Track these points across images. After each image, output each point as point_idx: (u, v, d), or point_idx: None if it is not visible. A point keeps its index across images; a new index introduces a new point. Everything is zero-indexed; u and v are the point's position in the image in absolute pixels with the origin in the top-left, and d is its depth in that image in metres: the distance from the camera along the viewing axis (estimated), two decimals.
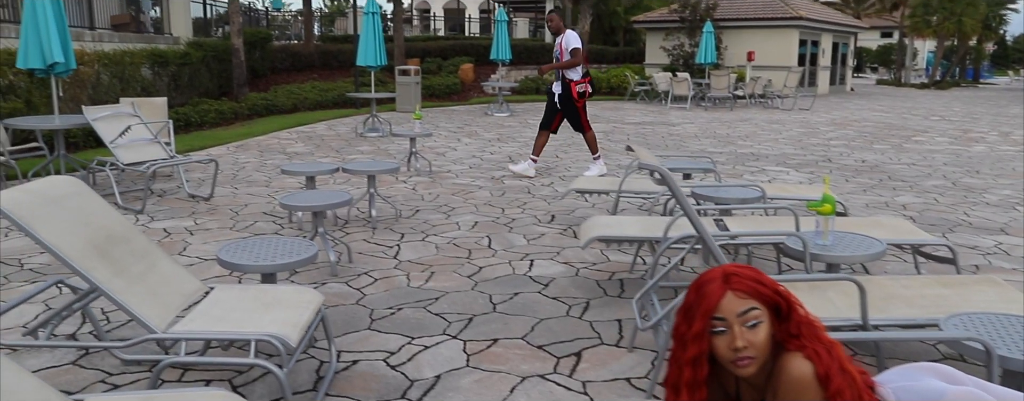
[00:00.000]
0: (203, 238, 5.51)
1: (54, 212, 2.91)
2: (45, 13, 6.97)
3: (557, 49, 7.92)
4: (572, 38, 7.80)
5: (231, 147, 10.29)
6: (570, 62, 7.72)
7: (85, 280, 2.82)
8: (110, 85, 11.68)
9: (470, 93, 19.32)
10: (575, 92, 7.81)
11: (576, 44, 7.77)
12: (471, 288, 4.41)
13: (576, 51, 7.73)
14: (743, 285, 1.68)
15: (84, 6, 13.43)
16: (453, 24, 39.01)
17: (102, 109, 7.03)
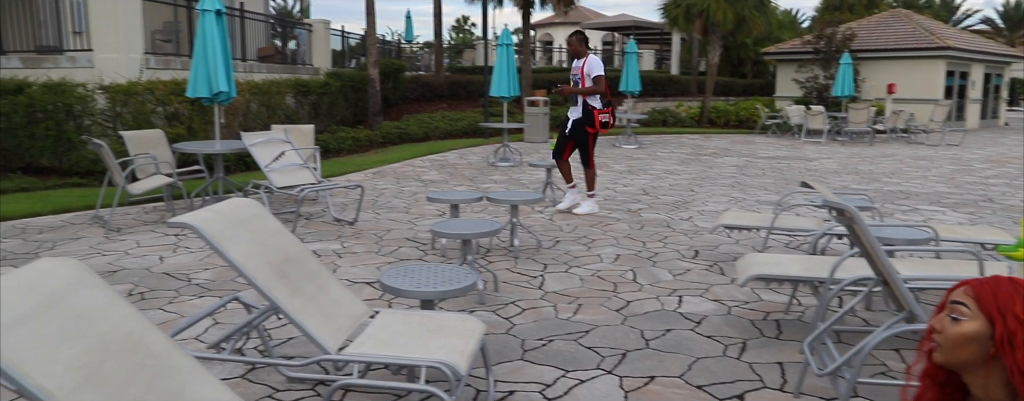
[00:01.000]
0: (351, 261, 5.67)
1: (239, 233, 3.04)
2: (214, 46, 7.46)
3: (577, 73, 7.54)
4: (595, 64, 7.44)
5: (369, 173, 10.64)
6: (592, 89, 7.37)
7: (267, 299, 2.92)
8: (258, 113, 12.37)
9: None
10: (598, 121, 7.41)
11: (599, 71, 7.41)
12: (621, 322, 4.31)
13: (599, 78, 7.37)
14: (982, 287, 1.56)
15: (237, 39, 14.35)
16: None
17: (258, 135, 7.42)
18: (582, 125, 7.47)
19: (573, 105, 7.58)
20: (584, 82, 7.39)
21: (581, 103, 7.44)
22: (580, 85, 7.42)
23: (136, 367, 2.13)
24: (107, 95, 9.82)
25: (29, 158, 9.79)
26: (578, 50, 7.51)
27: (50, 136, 9.47)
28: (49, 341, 1.94)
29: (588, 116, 7.42)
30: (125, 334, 2.19)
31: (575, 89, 7.43)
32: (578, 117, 7.49)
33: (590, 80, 7.36)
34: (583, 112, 7.44)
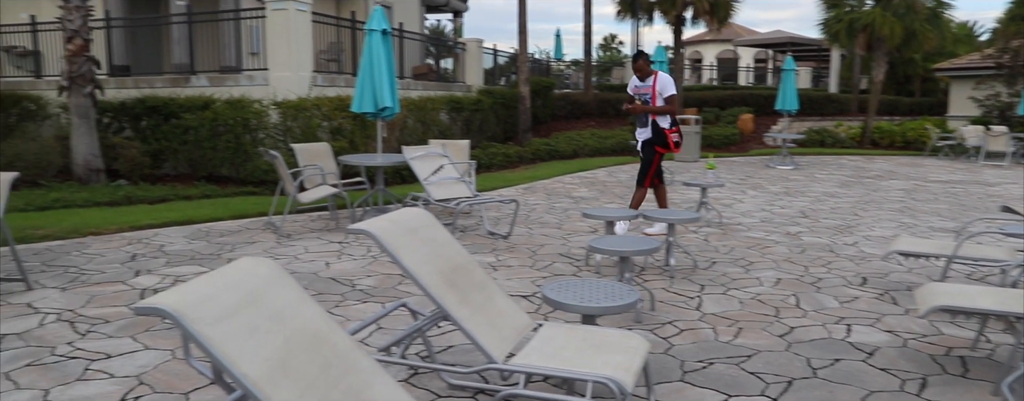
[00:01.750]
0: (507, 274, 5.75)
1: (412, 241, 3.15)
2: (380, 64, 7.84)
3: (648, 92, 7.19)
4: (668, 83, 7.14)
5: (519, 189, 10.80)
6: (665, 109, 7.09)
7: (437, 306, 3.01)
8: (414, 128, 12.86)
9: (749, 144, 18.69)
10: (671, 141, 7.15)
11: (672, 90, 7.14)
12: (785, 349, 4.12)
13: (673, 98, 7.11)
14: None
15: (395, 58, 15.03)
16: (726, 73, 38.33)
17: (418, 149, 7.70)
18: (652, 144, 7.21)
19: (640, 126, 7.32)
20: (655, 101, 7.10)
21: (650, 123, 7.19)
22: (651, 104, 7.15)
23: (324, 363, 2.25)
24: (279, 110, 10.52)
25: (212, 168, 10.65)
26: (647, 70, 7.19)
27: (230, 148, 10.26)
28: (252, 333, 2.08)
29: (659, 136, 7.15)
30: (314, 331, 2.31)
31: (646, 108, 7.14)
32: (648, 137, 7.23)
33: (661, 100, 7.07)
34: (654, 132, 7.18)
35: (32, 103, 12.07)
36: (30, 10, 14.80)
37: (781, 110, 16.17)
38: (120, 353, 3.99)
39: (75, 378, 3.65)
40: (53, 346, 4.09)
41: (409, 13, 19.93)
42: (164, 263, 6.02)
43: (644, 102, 7.19)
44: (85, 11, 10.14)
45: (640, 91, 7.24)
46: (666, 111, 7.08)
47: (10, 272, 5.67)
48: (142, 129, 11.08)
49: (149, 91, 11.72)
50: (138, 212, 8.21)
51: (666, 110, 7.07)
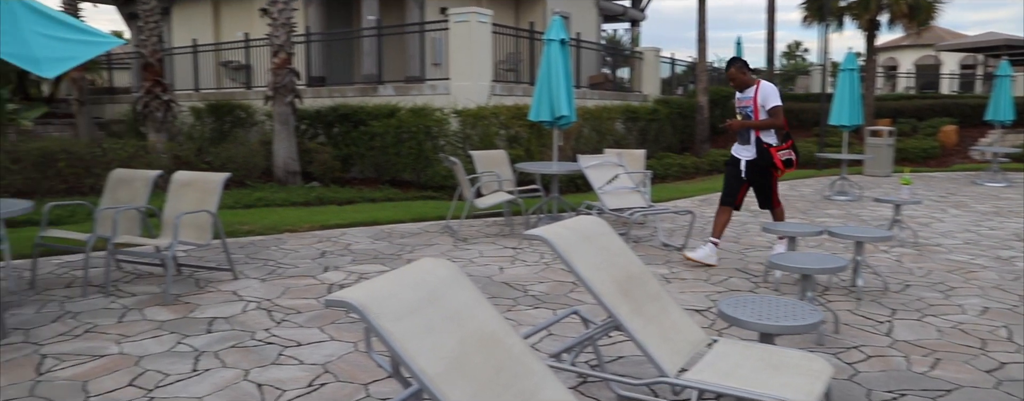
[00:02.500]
0: (679, 287, 5.61)
1: (586, 249, 3.14)
2: (558, 73, 7.93)
3: (749, 105, 6.30)
4: (771, 93, 6.21)
5: (695, 201, 10.52)
6: (769, 123, 6.18)
7: (610, 314, 2.98)
8: (589, 137, 12.89)
9: (951, 159, 17.13)
10: (779, 160, 6.23)
11: (776, 101, 6.19)
12: (993, 386, 3.72)
13: (777, 110, 6.16)
14: None
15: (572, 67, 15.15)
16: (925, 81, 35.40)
17: (593, 158, 7.70)
18: (761, 167, 6.31)
19: (742, 143, 6.40)
20: (758, 115, 6.22)
21: (754, 140, 6.27)
22: (753, 118, 6.26)
23: (498, 365, 2.28)
24: (459, 118, 10.91)
25: (395, 172, 11.23)
26: (744, 80, 6.34)
27: (412, 154, 10.76)
28: (430, 331, 2.15)
29: (765, 156, 6.24)
30: (490, 333, 2.36)
31: (747, 123, 6.26)
32: (752, 158, 6.32)
33: (764, 112, 6.19)
34: (758, 152, 6.26)
35: (243, 111, 13.29)
36: (245, 28, 16.33)
37: (993, 121, 14.69)
38: (309, 342, 4.28)
39: (270, 362, 3.95)
40: (253, 331, 4.46)
41: (587, 23, 20.04)
42: (350, 261, 6.40)
43: (746, 117, 6.32)
44: (289, 28, 11.04)
45: (740, 104, 6.39)
46: (771, 125, 6.18)
47: (220, 262, 6.25)
48: (334, 135, 11.88)
49: (341, 100, 12.55)
50: (328, 212, 8.79)
51: (771, 124, 6.17)
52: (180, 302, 5.09)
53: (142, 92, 11.51)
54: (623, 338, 4.32)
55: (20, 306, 4.99)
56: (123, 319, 4.71)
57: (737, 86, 6.37)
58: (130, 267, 6.12)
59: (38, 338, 4.35)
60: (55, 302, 5.09)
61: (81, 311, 4.88)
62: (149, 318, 4.73)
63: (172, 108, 11.61)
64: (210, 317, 4.74)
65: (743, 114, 6.34)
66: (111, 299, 5.16)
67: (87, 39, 4.89)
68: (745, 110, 6.32)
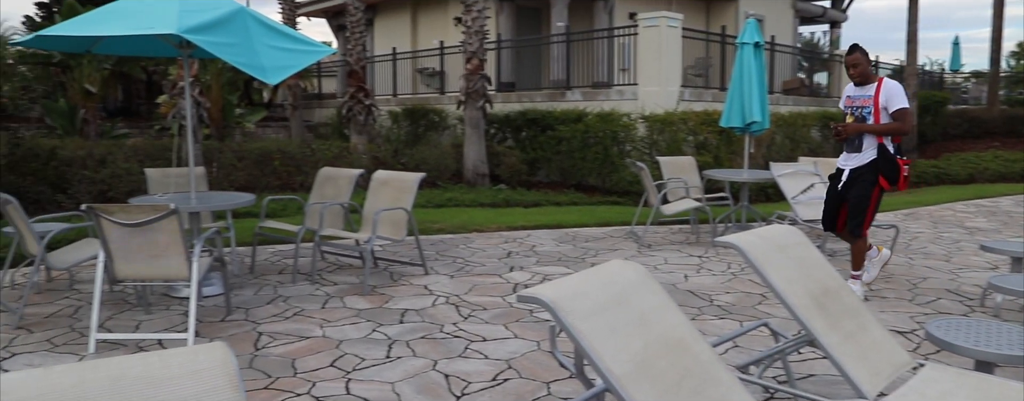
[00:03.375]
0: (879, 306, 5.22)
1: (780, 259, 3.01)
2: (751, 78, 7.65)
3: (867, 105, 5.21)
4: (897, 92, 5.14)
5: (900, 214, 9.75)
6: (895, 128, 5.10)
7: (804, 329, 2.83)
8: (782, 144, 12.31)
9: None
10: (903, 174, 5.17)
11: (904, 103, 5.11)
12: None
13: (905, 114, 5.08)
14: None
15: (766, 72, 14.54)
16: None
17: (787, 166, 7.35)
18: (869, 179, 5.17)
19: (851, 151, 5.30)
20: (878, 118, 5.14)
21: (876, 146, 5.16)
22: (872, 122, 5.16)
23: (684, 370, 2.24)
24: (647, 124, 10.80)
25: (580, 177, 11.31)
26: (868, 71, 5.25)
27: (598, 159, 10.79)
28: (617, 332, 2.15)
29: (889, 164, 5.12)
30: (677, 338, 2.32)
31: (867, 127, 5.14)
32: (862, 165, 5.21)
33: (887, 115, 5.14)
34: (881, 158, 5.13)
35: (436, 115, 13.94)
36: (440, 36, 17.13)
37: None
38: (494, 338, 4.41)
39: (457, 354, 4.12)
40: (441, 324, 4.67)
41: (782, 25, 19.18)
42: (534, 262, 6.53)
43: (861, 119, 5.23)
44: (482, 35, 11.45)
45: (855, 103, 5.30)
46: (895, 130, 5.10)
47: (412, 258, 6.59)
48: (521, 139, 12.16)
49: (529, 105, 12.82)
50: (514, 214, 9.02)
51: (896, 129, 5.09)
52: (376, 293, 5.42)
53: (346, 97, 12.39)
54: (815, 355, 4.09)
55: (241, 288, 5.54)
56: (326, 305, 5.09)
57: (858, 77, 5.25)
58: (332, 258, 6.61)
59: (256, 317, 4.80)
60: (269, 286, 5.60)
61: (291, 295, 5.33)
62: (348, 306, 5.08)
63: (372, 112, 12.40)
64: (403, 308, 5.01)
65: (857, 116, 5.25)
66: (316, 286, 5.60)
67: (304, 49, 5.33)
68: (861, 111, 5.23)
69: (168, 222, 4.11)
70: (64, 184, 8.99)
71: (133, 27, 4.57)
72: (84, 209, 4.14)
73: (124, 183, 9.19)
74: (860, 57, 5.21)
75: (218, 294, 5.33)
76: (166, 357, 1.45)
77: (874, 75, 5.28)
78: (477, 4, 11.30)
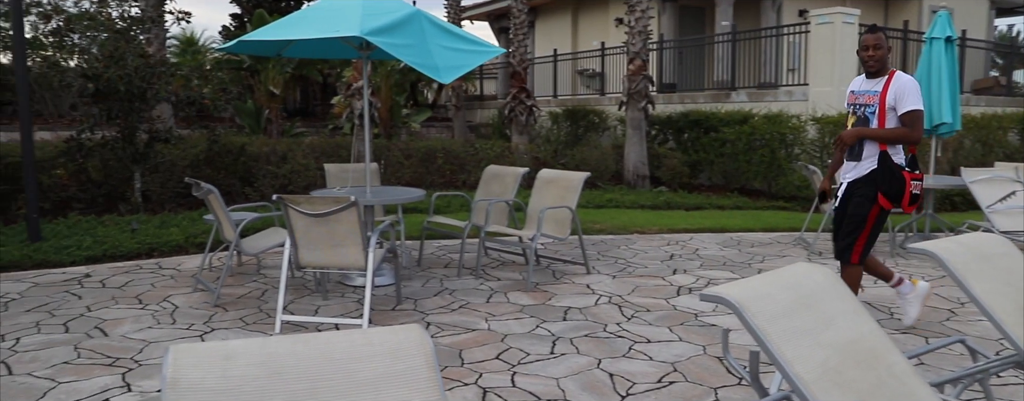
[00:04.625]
0: None
1: (984, 269, 2.76)
2: (940, 76, 7.09)
3: (872, 103, 4.20)
4: (910, 90, 4.12)
5: None
6: (902, 134, 4.13)
7: (1013, 346, 2.59)
8: (972, 149, 11.33)
9: None
10: (909, 190, 4.15)
11: (917, 104, 4.10)
12: None
13: (916, 117, 4.10)
14: None
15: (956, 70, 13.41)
16: None
17: (981, 172, 6.75)
18: (868, 194, 4.21)
19: (851, 159, 4.33)
20: (884, 120, 4.16)
21: (877, 154, 4.20)
22: (877, 124, 4.18)
23: (877, 381, 2.10)
24: (817, 126, 10.26)
25: (744, 180, 10.93)
26: (879, 61, 4.20)
27: (764, 162, 10.37)
28: (806, 336, 2.05)
29: (891, 178, 4.16)
30: (870, 347, 2.18)
31: (866, 132, 4.20)
32: (861, 176, 4.25)
33: (895, 118, 4.16)
34: (882, 169, 4.17)
35: (596, 116, 13.92)
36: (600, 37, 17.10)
37: None
38: (658, 340, 4.33)
39: (621, 354, 4.08)
40: (605, 323, 4.64)
41: (974, 18, 17.64)
42: (698, 265, 6.37)
43: (863, 120, 4.25)
44: (645, 35, 11.31)
45: (859, 100, 4.32)
46: (900, 138, 4.12)
47: (574, 257, 6.61)
48: (683, 141, 11.91)
49: (692, 106, 12.53)
50: (675, 216, 8.84)
51: (899, 135, 4.12)
52: (539, 290, 5.48)
53: (508, 98, 12.63)
54: (1020, 380, 3.72)
55: (409, 279, 5.77)
56: (491, 300, 5.21)
57: (875, 64, 4.19)
58: (495, 254, 6.75)
59: (424, 308, 4.99)
60: (436, 279, 5.80)
61: (456, 289, 5.50)
62: (512, 301, 5.17)
63: (533, 113, 12.57)
64: (565, 306, 5.04)
65: (859, 116, 4.28)
66: (480, 281, 5.73)
67: (476, 49, 5.48)
68: (864, 110, 4.26)
69: (348, 213, 4.34)
70: (251, 178, 9.74)
71: (321, 31, 4.87)
72: (275, 199, 4.46)
73: (302, 177, 9.83)
74: (882, 38, 4.19)
75: (389, 284, 5.58)
76: (369, 335, 1.53)
77: (888, 67, 4.24)
78: (640, 4, 11.19)
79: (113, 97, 7.92)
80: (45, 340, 4.32)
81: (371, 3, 5.05)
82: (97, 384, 3.64)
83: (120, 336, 4.39)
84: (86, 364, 3.92)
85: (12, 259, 6.15)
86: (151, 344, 4.24)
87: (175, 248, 6.77)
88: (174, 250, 6.75)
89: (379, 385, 1.43)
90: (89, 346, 4.21)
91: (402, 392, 1.43)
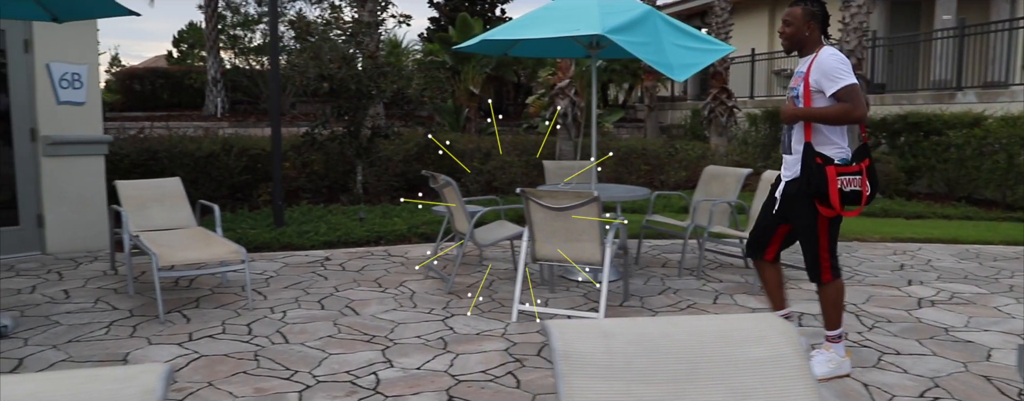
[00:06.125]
0: None
1: None
2: None
3: (798, 85, 3.65)
4: (834, 66, 3.50)
5: None
6: (845, 111, 3.48)
7: None
8: None
9: None
10: (834, 189, 3.50)
11: (845, 80, 3.47)
12: None
13: (852, 91, 3.46)
14: None
15: None
16: None
17: None
18: (804, 199, 3.61)
19: (787, 153, 3.75)
20: (809, 99, 3.56)
21: (802, 148, 3.60)
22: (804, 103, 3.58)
23: None
24: None
25: (972, 188, 10.05)
26: (799, 36, 3.65)
27: (999, 169, 9.48)
28: None
29: (810, 176, 3.53)
30: None
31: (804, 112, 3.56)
32: (794, 177, 3.66)
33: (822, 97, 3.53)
34: (804, 166, 3.56)
35: None
36: None
37: None
38: (909, 353, 4.08)
39: (871, 365, 3.88)
40: (846, 332, 4.43)
41: None
42: (935, 277, 5.93)
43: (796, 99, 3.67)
44: (861, 33, 10.67)
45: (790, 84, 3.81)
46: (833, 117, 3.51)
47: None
48: (899, 145, 11.13)
49: (910, 107, 11.68)
50: (897, 225, 8.28)
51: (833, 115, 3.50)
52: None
53: (709, 98, 12.36)
54: None
55: (630, 277, 5.79)
56: (717, 301, 5.12)
57: (784, 42, 3.74)
58: (711, 255, 6.63)
59: (651, 305, 4.99)
60: (656, 278, 5.79)
61: (680, 288, 5.45)
62: (740, 304, 5.06)
63: (734, 114, 12.23)
64: (797, 312, 4.86)
65: (793, 94, 3.71)
66: (702, 282, 5.65)
67: (708, 47, 5.41)
68: (793, 91, 3.72)
69: (589, 208, 4.43)
70: (456, 173, 10.18)
71: (559, 30, 5.00)
72: (518, 192, 4.63)
73: (506, 174, 10.13)
74: (796, 13, 3.66)
75: (615, 280, 5.64)
76: (737, 321, 1.55)
77: (818, 42, 3.67)
78: None
79: (343, 96, 8.56)
80: (307, 315, 4.74)
81: (606, 2, 5.12)
82: (362, 358, 3.95)
83: (370, 315, 4.73)
84: (347, 339, 4.26)
85: (263, 241, 6.79)
86: (400, 325, 4.54)
87: (400, 237, 7.20)
88: (399, 239, 7.18)
89: (755, 369, 1.45)
90: (346, 323, 4.57)
91: (778, 378, 1.44)
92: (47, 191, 6.60)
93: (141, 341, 4.23)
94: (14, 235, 6.54)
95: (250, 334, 4.35)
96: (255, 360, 3.92)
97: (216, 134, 10.22)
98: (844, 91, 3.46)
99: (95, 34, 6.85)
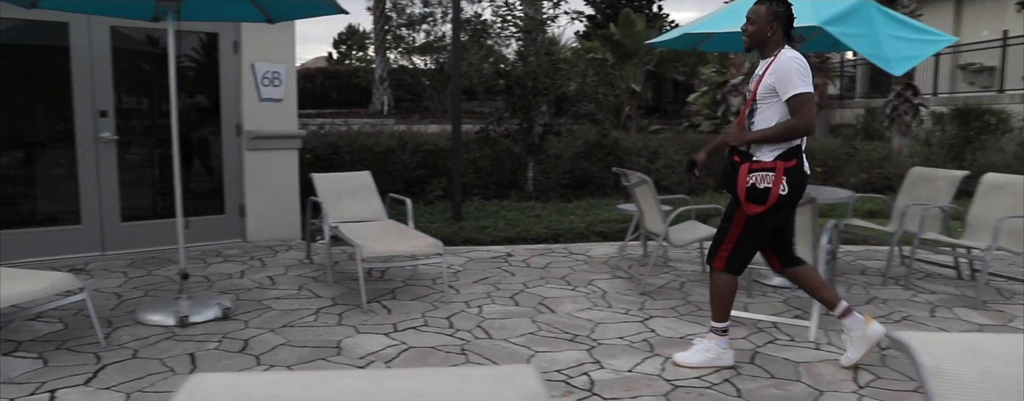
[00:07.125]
0: None
1: None
2: None
3: (752, 88, 3.52)
4: (793, 70, 3.33)
5: None
6: (790, 128, 3.35)
7: None
8: None
9: None
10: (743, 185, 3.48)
11: (801, 86, 3.32)
12: None
13: (802, 101, 3.31)
14: None
15: None
16: None
17: None
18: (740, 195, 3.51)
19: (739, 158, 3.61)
20: (751, 100, 3.55)
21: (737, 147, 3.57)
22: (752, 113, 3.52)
23: None
24: None
25: None
26: (762, 36, 3.49)
27: None
28: None
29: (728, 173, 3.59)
30: None
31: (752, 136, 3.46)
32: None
33: (777, 101, 3.41)
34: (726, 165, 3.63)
35: (992, 116, 12.23)
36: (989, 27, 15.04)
37: None
38: None
39: None
40: None
41: None
42: None
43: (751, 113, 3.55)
44: None
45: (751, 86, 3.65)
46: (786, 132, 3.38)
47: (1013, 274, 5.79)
48: None
49: None
50: None
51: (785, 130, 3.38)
52: (991, 308, 4.86)
53: (892, 96, 11.57)
54: None
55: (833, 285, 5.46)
56: (934, 314, 4.73)
57: (745, 40, 3.57)
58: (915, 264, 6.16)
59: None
60: (858, 286, 5.42)
61: (888, 299, 5.08)
62: (962, 319, 4.64)
63: (919, 112, 11.39)
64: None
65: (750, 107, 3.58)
66: (912, 293, 5.24)
67: (926, 38, 5.01)
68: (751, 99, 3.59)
69: (802, 211, 4.19)
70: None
71: None
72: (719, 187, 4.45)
73: (674, 173, 9.89)
74: (759, 11, 3.49)
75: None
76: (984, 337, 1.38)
77: (779, 44, 3.50)
78: None
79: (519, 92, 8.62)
80: (503, 311, 4.76)
81: None
82: (570, 357, 3.91)
83: (566, 314, 4.69)
84: (549, 337, 4.24)
85: (444, 235, 6.93)
86: (600, 325, 4.48)
87: (578, 235, 7.16)
88: (577, 237, 7.14)
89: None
90: (544, 320, 4.55)
91: None
92: (249, 183, 7.03)
93: (349, 329, 4.38)
94: (220, 223, 7.01)
95: (452, 327, 4.41)
96: (463, 354, 3.97)
97: (388, 131, 10.59)
98: (796, 99, 3.36)
99: (293, 35, 7.23)
